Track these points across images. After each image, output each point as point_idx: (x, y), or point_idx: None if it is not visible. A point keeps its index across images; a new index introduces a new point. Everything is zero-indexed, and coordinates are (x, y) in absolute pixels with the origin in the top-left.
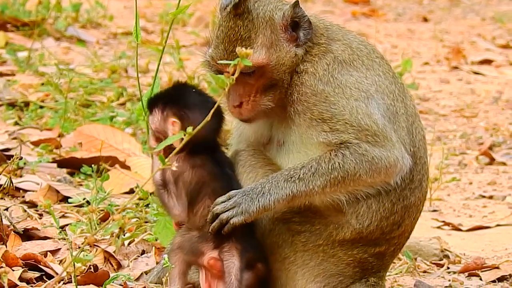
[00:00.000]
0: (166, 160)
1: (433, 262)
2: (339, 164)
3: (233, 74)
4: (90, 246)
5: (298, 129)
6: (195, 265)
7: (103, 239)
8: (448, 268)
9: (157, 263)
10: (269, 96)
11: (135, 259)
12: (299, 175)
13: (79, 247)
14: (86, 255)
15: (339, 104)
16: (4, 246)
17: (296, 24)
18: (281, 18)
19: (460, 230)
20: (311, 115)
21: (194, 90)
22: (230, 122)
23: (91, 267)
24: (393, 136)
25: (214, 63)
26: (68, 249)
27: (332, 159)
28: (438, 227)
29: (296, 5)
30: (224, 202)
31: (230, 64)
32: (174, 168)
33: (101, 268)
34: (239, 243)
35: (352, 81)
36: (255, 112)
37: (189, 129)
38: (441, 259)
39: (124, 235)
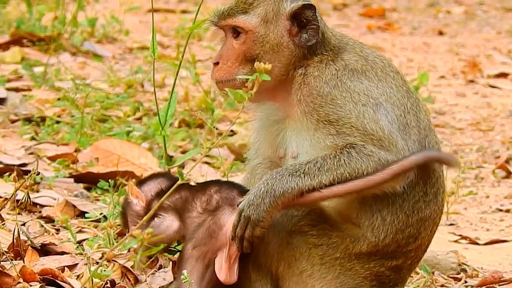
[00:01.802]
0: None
1: (450, 276)
2: (344, 161)
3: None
4: (108, 261)
5: (308, 133)
6: (215, 251)
7: (120, 254)
8: (466, 282)
9: (174, 278)
10: (245, 69)
11: (152, 274)
12: (304, 170)
13: (96, 262)
14: (104, 270)
15: (346, 107)
16: (21, 261)
17: (303, 24)
18: (288, 7)
19: (478, 244)
20: (318, 116)
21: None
22: (248, 137)
23: (109, 282)
24: (399, 142)
25: (215, 19)
26: (85, 264)
27: (338, 155)
28: (455, 241)
29: (308, 7)
30: (238, 222)
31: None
32: (192, 183)
33: (118, 283)
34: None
35: (362, 88)
36: (228, 79)
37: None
38: (458, 273)
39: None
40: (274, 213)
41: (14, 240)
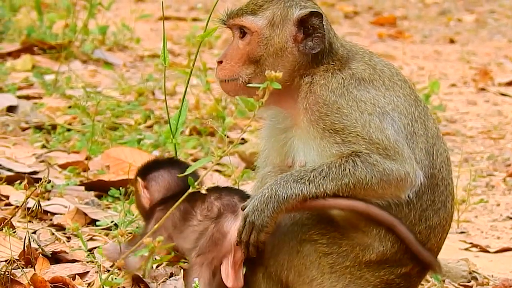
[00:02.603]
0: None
1: (461, 284)
2: (349, 170)
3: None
4: (119, 269)
5: (314, 142)
6: (220, 259)
7: None
8: None
9: (185, 286)
10: (248, 70)
11: (163, 282)
12: (309, 178)
13: (107, 270)
14: (115, 278)
15: (352, 116)
16: (32, 269)
17: (309, 31)
18: (296, 13)
19: (488, 252)
20: (324, 125)
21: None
22: (258, 145)
23: None
24: (404, 151)
25: (224, 18)
26: (96, 272)
27: (343, 164)
28: (466, 249)
29: (315, 14)
30: (243, 228)
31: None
32: (203, 192)
33: None
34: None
35: (368, 97)
36: (230, 78)
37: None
38: (469, 281)
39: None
40: (278, 218)
41: (25, 248)
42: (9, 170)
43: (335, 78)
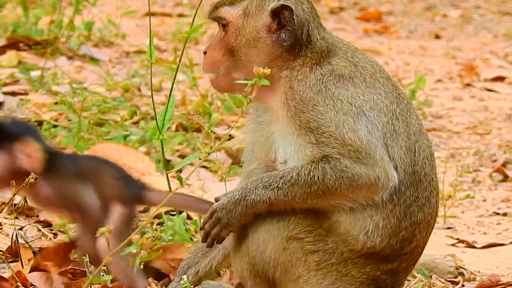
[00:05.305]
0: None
1: (448, 279)
2: (318, 178)
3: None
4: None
5: (292, 138)
6: None
7: None
8: (463, 285)
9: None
10: (227, 62)
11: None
12: (278, 185)
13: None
14: (103, 275)
15: (327, 115)
16: (20, 265)
17: (282, 23)
18: (270, 5)
19: (475, 247)
20: (300, 122)
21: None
22: (243, 140)
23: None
24: (377, 154)
25: (209, 12)
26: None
27: (312, 171)
28: (453, 245)
29: (286, 7)
30: (209, 220)
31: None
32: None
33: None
34: None
35: (346, 95)
36: (212, 70)
37: None
38: (456, 277)
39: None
40: (244, 221)
41: (12, 244)
42: None
43: (314, 74)
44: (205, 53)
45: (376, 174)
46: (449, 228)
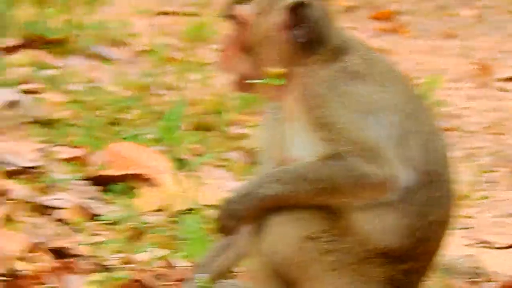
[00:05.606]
0: None
1: (466, 280)
2: (326, 176)
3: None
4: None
5: (304, 135)
6: None
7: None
8: (482, 286)
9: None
10: (243, 61)
11: None
12: (286, 180)
13: (111, 266)
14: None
15: (337, 112)
16: (35, 264)
17: (299, 20)
18: (286, 2)
19: (494, 247)
20: (311, 118)
21: None
22: (259, 138)
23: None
24: (387, 153)
25: (224, 11)
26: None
27: (321, 169)
28: (470, 245)
29: (304, 5)
30: (222, 211)
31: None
32: None
33: None
34: None
35: (357, 93)
36: (228, 70)
37: None
38: (474, 277)
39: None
40: (253, 214)
41: (28, 243)
42: (11, 164)
43: (327, 70)
44: (220, 52)
45: (385, 174)
46: (466, 228)
